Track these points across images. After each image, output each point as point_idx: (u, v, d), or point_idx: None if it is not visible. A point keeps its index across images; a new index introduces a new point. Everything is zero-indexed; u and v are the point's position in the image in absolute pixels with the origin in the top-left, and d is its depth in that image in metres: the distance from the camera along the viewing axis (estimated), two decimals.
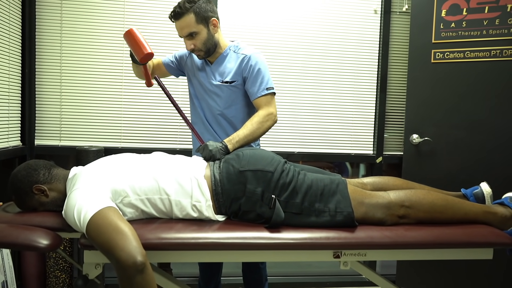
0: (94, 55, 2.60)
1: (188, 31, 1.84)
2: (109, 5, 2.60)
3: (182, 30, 1.86)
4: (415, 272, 2.66)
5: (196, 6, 1.82)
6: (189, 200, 1.42)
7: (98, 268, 1.34)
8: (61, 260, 2.49)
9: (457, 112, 2.55)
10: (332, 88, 2.84)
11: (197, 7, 1.82)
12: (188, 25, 1.83)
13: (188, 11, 1.81)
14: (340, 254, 1.41)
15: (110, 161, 1.47)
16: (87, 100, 2.61)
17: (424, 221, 1.50)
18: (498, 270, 2.48)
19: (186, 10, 1.81)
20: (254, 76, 1.89)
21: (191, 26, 1.83)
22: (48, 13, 2.55)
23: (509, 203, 1.56)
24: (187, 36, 1.86)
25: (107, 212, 1.22)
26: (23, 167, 1.47)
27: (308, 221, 1.42)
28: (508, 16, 2.42)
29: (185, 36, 1.87)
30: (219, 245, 1.32)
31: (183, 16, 1.82)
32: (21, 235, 1.26)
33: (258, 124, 1.83)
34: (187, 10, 1.81)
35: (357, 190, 1.50)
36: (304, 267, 3.10)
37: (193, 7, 1.82)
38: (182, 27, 1.85)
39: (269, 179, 1.44)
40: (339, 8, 2.82)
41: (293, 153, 2.81)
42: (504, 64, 2.45)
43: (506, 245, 1.45)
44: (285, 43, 2.77)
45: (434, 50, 2.57)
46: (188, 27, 1.84)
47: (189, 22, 1.83)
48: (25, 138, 2.54)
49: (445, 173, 2.58)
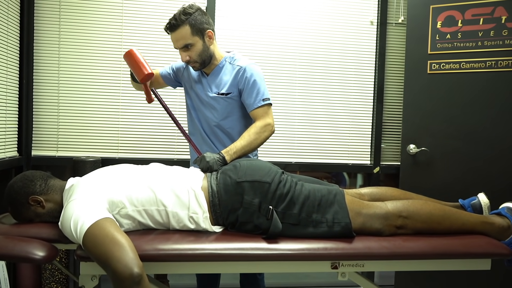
0: (92, 66, 2.61)
1: (184, 43, 1.85)
2: (107, 15, 2.61)
3: (178, 42, 1.87)
4: (413, 282, 2.64)
5: (192, 18, 1.83)
6: (186, 212, 1.41)
7: (94, 280, 1.33)
8: (57, 272, 2.47)
9: (454, 122, 2.57)
10: (330, 98, 2.86)
11: (192, 19, 1.83)
12: (183, 37, 1.84)
13: (184, 23, 1.82)
14: (338, 265, 1.40)
15: (107, 172, 1.47)
16: (85, 110, 2.62)
17: (422, 231, 1.50)
18: (496, 281, 2.47)
19: (182, 22, 1.82)
20: (250, 87, 1.90)
21: (187, 38, 1.84)
22: (46, 22, 2.56)
23: (506, 213, 1.56)
24: (182, 48, 1.87)
25: (104, 223, 1.22)
26: (19, 178, 1.47)
27: (306, 232, 1.42)
28: (502, 28, 2.45)
29: (181, 48, 1.88)
30: (217, 256, 1.31)
31: (179, 28, 1.83)
32: (16, 247, 1.25)
33: (255, 135, 1.83)
34: (183, 22, 1.82)
35: (355, 201, 1.50)
36: (302, 278, 3.08)
37: (188, 19, 1.82)
38: (178, 39, 1.86)
39: (267, 190, 1.44)
40: (336, 20, 2.84)
41: (291, 163, 2.81)
42: (499, 75, 2.47)
43: (504, 255, 1.45)
44: (282, 54, 2.79)
45: (430, 61, 2.59)
46: (184, 39, 1.85)
47: (184, 34, 1.84)
48: (22, 148, 2.53)
49: (442, 183, 2.58)
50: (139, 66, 1.83)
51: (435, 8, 2.57)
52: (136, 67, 1.84)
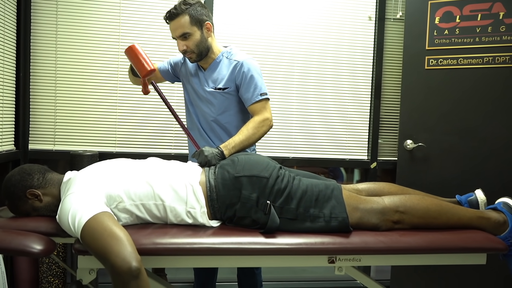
0: (89, 59, 2.60)
1: (182, 31, 1.85)
2: (105, 9, 2.60)
3: (176, 30, 1.87)
4: (409, 277, 2.66)
5: (192, 8, 1.84)
6: (184, 207, 1.42)
7: (92, 273, 1.33)
8: (54, 266, 2.47)
9: (451, 118, 2.57)
10: (327, 94, 2.86)
11: (192, 9, 1.84)
12: (182, 26, 1.84)
13: (183, 12, 1.83)
14: (334, 259, 1.41)
15: (105, 166, 1.47)
16: (82, 104, 2.61)
17: (419, 226, 1.50)
18: (491, 275, 2.49)
19: (182, 11, 1.83)
20: (247, 82, 1.90)
21: (185, 27, 1.84)
22: (43, 16, 2.54)
23: (502, 208, 1.57)
24: (180, 36, 1.87)
25: (102, 217, 1.22)
26: (17, 172, 1.46)
27: (303, 226, 1.43)
28: (500, 24, 2.45)
29: (178, 37, 1.88)
30: (214, 250, 1.32)
31: (178, 16, 1.84)
32: (14, 240, 1.25)
33: (253, 130, 1.83)
34: (182, 11, 1.83)
35: (352, 196, 1.50)
36: (299, 272, 3.09)
37: (188, 9, 1.83)
38: (176, 27, 1.86)
39: (264, 185, 1.44)
40: (334, 15, 2.84)
41: (288, 159, 2.82)
42: (496, 71, 2.47)
43: (499, 250, 1.46)
44: (280, 49, 2.79)
45: (427, 56, 2.59)
46: (182, 27, 1.85)
47: (183, 23, 1.84)
48: (19, 142, 2.52)
49: (439, 179, 2.59)
50: (141, 62, 1.83)
51: (433, 4, 2.57)
52: (138, 63, 1.83)
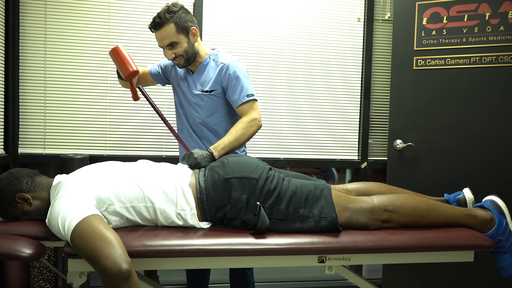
0: (79, 62, 2.59)
1: (169, 41, 1.85)
2: (94, 11, 2.59)
3: (163, 40, 1.86)
4: (401, 276, 2.68)
5: (176, 16, 1.83)
6: (174, 209, 1.42)
7: (82, 276, 1.33)
8: (45, 270, 2.46)
9: (439, 118, 2.60)
10: (317, 94, 2.88)
11: (177, 17, 1.83)
12: (168, 36, 1.84)
13: (168, 21, 1.82)
14: (324, 259, 1.42)
15: (95, 169, 1.47)
16: (72, 107, 2.60)
17: (407, 225, 1.52)
18: (483, 272, 2.52)
19: (167, 20, 1.82)
20: (233, 85, 1.91)
21: (172, 36, 1.84)
22: (32, 18, 2.53)
23: (489, 206, 1.60)
24: (167, 46, 1.87)
25: (92, 219, 1.22)
26: (5, 176, 1.46)
27: (293, 227, 1.44)
28: (486, 24, 2.49)
29: (166, 46, 1.88)
30: (205, 252, 1.32)
31: (163, 26, 1.83)
32: (3, 245, 1.24)
33: (242, 130, 1.84)
34: (167, 20, 1.82)
35: (341, 196, 1.52)
36: (291, 273, 3.11)
37: (173, 17, 1.83)
38: (163, 37, 1.85)
39: (254, 186, 1.45)
40: (323, 16, 2.86)
41: (279, 159, 2.83)
42: (483, 71, 2.51)
43: (486, 247, 1.48)
44: (269, 50, 2.80)
45: (416, 57, 2.62)
46: (169, 37, 1.84)
47: (169, 33, 1.84)
48: (8, 146, 2.50)
49: (428, 178, 2.62)
50: (124, 63, 1.83)
51: (421, 5, 2.60)
52: (121, 64, 1.84)
